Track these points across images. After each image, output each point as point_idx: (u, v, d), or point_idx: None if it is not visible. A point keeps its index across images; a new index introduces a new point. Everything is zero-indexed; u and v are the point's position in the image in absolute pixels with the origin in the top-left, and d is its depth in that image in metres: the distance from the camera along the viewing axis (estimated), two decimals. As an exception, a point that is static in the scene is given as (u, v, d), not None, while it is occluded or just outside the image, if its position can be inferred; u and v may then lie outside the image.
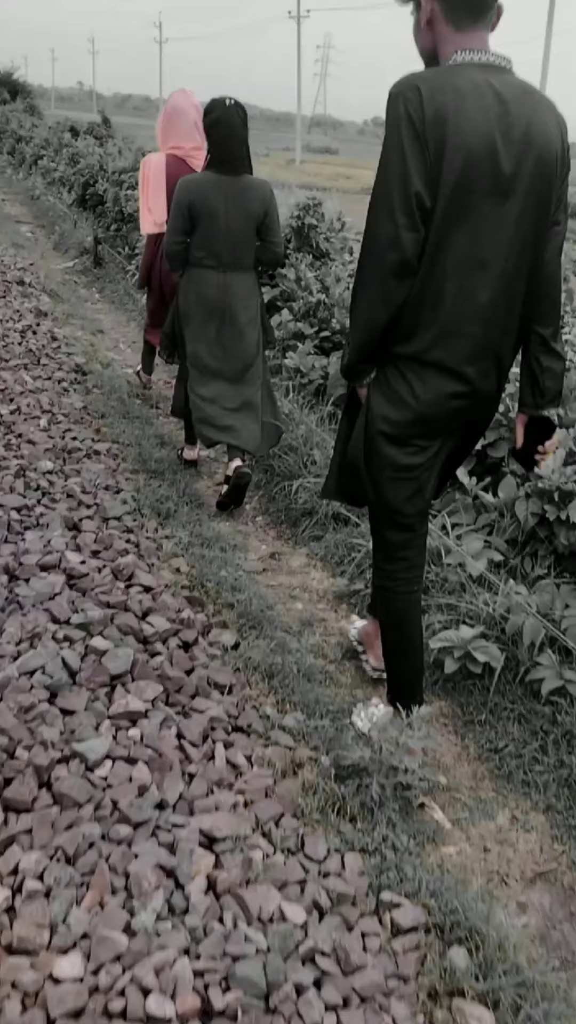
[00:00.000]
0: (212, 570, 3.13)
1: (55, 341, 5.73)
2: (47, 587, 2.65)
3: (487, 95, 1.80)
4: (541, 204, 1.91)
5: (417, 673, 2.38)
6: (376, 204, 1.85)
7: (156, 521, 3.45)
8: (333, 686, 2.71)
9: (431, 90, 1.78)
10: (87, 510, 3.32)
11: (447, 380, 2.01)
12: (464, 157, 1.79)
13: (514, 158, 1.83)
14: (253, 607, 2.93)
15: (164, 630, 2.61)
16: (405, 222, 1.81)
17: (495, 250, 1.90)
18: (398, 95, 1.81)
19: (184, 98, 4.48)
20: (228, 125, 3.48)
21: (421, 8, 1.91)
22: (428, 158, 1.78)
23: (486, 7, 1.86)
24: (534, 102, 1.86)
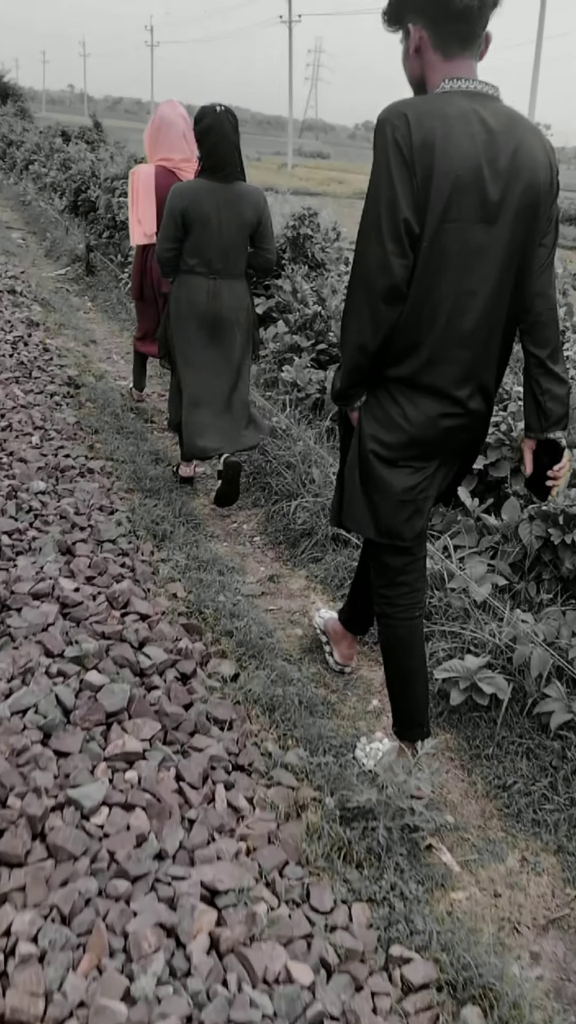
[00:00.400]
0: (210, 595, 3.05)
1: (47, 353, 5.64)
2: (40, 617, 2.57)
3: (474, 123, 1.81)
4: (528, 231, 1.92)
5: (422, 703, 2.33)
6: (365, 230, 1.86)
7: (152, 543, 3.37)
8: (335, 718, 2.63)
9: (418, 117, 1.79)
10: (81, 533, 3.24)
11: (439, 402, 2.01)
12: (451, 184, 1.80)
13: (501, 186, 1.84)
14: (252, 634, 2.85)
15: (161, 661, 2.53)
16: (394, 248, 1.82)
17: (483, 276, 1.90)
18: (385, 122, 1.81)
19: (172, 109, 4.45)
20: (219, 131, 3.47)
21: (410, 36, 1.91)
22: (416, 184, 1.79)
23: (474, 36, 1.86)
24: (521, 130, 1.87)
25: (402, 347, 1.96)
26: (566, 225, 30.55)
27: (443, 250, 1.85)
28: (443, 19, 1.83)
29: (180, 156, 4.35)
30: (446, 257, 1.85)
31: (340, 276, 6.03)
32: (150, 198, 4.34)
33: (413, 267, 1.86)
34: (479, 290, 1.91)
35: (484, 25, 1.86)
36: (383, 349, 1.96)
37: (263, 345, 5.65)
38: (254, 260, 3.74)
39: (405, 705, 2.34)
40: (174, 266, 3.64)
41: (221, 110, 3.48)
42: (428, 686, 2.37)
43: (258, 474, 4.16)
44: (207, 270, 3.59)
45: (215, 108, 3.49)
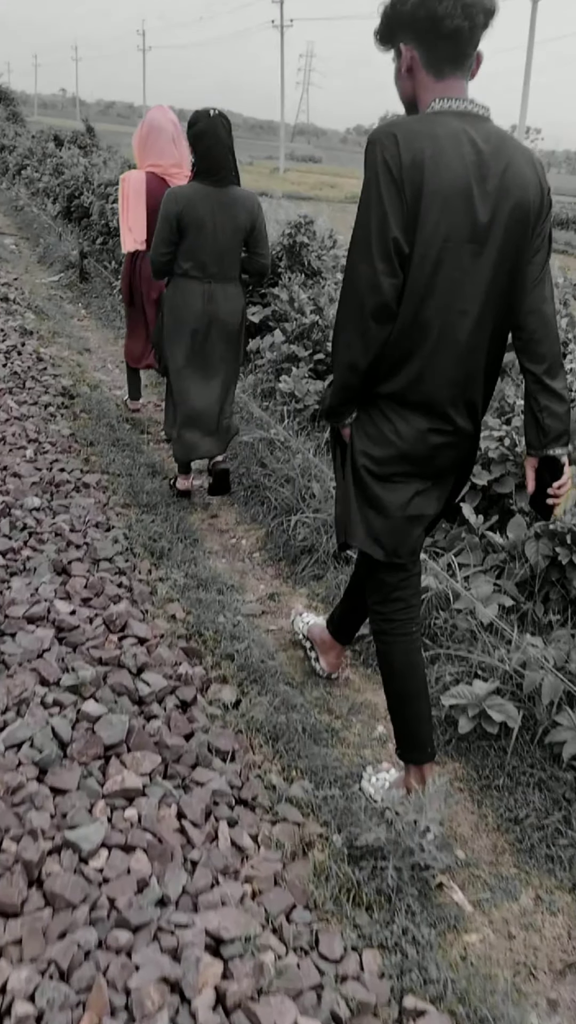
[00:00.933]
0: (209, 616, 2.97)
1: (41, 362, 5.56)
2: (35, 643, 2.48)
3: (464, 143, 1.82)
4: (518, 251, 1.92)
5: (425, 723, 2.27)
6: (355, 248, 1.87)
7: (149, 561, 3.29)
8: (340, 745, 2.55)
9: (408, 137, 1.80)
10: (76, 551, 3.15)
11: (428, 419, 2.02)
12: (440, 204, 1.81)
13: (490, 206, 1.85)
14: (253, 657, 2.77)
15: (160, 688, 2.45)
16: (383, 267, 1.83)
17: (472, 295, 1.91)
18: (375, 142, 1.82)
19: (161, 114, 4.42)
20: (213, 135, 3.47)
21: (402, 56, 1.91)
22: (405, 204, 1.80)
23: (466, 56, 1.87)
24: (511, 150, 1.87)
25: (392, 364, 1.96)
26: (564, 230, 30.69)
27: (432, 270, 1.85)
28: (434, 40, 1.84)
29: (170, 162, 4.34)
30: (435, 276, 1.86)
31: (337, 284, 5.96)
32: (140, 205, 4.32)
33: (403, 286, 1.86)
34: (468, 309, 1.91)
35: (475, 45, 1.87)
36: (374, 366, 1.96)
37: (259, 355, 5.59)
38: (249, 265, 3.74)
39: (408, 727, 2.28)
40: (168, 271, 3.64)
41: (215, 114, 3.48)
42: (430, 705, 2.31)
43: (256, 488, 4.08)
44: (202, 274, 3.60)
45: (209, 112, 3.48)
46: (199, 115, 3.48)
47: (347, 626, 2.73)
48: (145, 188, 4.29)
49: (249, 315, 5.94)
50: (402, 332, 1.91)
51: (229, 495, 4.12)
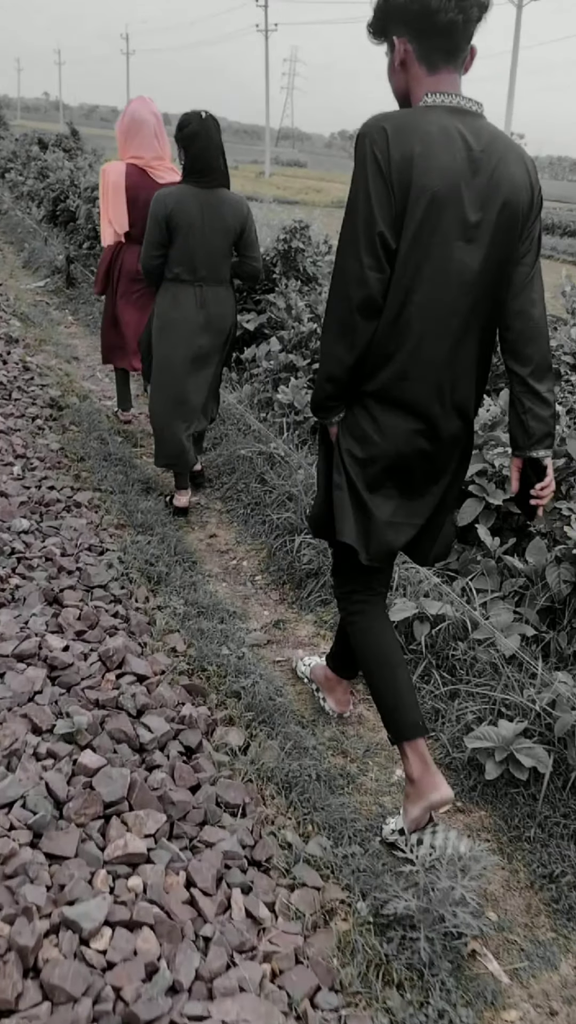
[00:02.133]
0: (212, 648, 2.78)
1: (27, 372, 5.35)
2: (26, 685, 2.29)
3: (455, 139, 1.79)
4: (507, 250, 1.90)
5: (408, 699, 2.16)
6: (343, 243, 1.86)
7: (146, 587, 3.10)
8: (357, 793, 2.37)
9: (397, 131, 1.78)
10: (68, 578, 2.96)
11: (414, 419, 1.99)
12: (428, 200, 1.78)
13: (479, 204, 1.83)
14: (261, 694, 2.58)
15: (163, 733, 2.25)
16: (370, 262, 1.81)
17: (459, 294, 1.88)
18: (364, 136, 1.80)
19: (143, 106, 4.33)
20: (206, 137, 3.46)
21: (395, 49, 1.89)
22: (393, 199, 1.78)
23: (459, 49, 1.85)
24: (503, 148, 1.85)
25: (376, 360, 1.93)
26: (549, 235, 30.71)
27: (418, 266, 1.83)
28: (428, 33, 1.82)
29: (151, 155, 4.29)
30: (421, 273, 1.84)
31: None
32: (120, 196, 4.27)
33: (390, 281, 1.84)
34: (455, 307, 1.89)
35: (469, 39, 1.84)
36: (359, 362, 1.94)
37: (255, 364, 5.41)
38: (240, 269, 3.74)
39: (392, 704, 2.18)
40: (160, 274, 3.62)
41: (206, 116, 3.47)
42: (411, 680, 2.23)
43: (256, 506, 3.90)
44: (192, 277, 3.58)
45: (200, 114, 3.46)
46: (190, 117, 3.46)
47: (347, 660, 2.57)
48: (125, 181, 4.24)
49: (243, 322, 5.78)
50: (387, 328, 1.89)
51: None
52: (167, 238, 3.50)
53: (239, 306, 6.17)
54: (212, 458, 4.49)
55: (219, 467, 4.38)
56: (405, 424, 1.99)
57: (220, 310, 3.67)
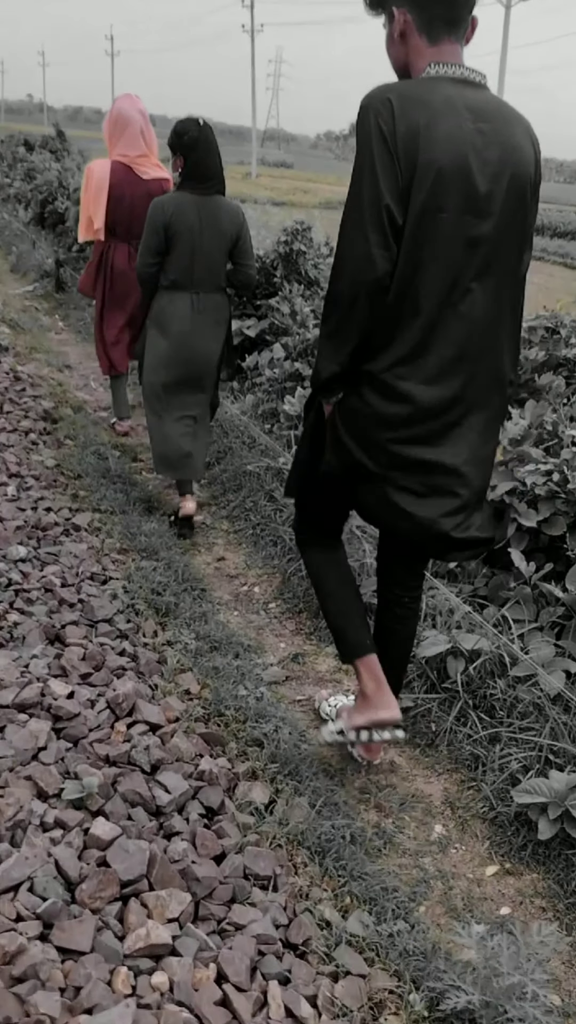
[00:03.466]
0: (228, 688, 2.56)
1: (19, 382, 5.11)
2: (29, 740, 2.06)
3: (461, 111, 1.73)
4: (517, 224, 1.84)
5: (359, 616, 2.27)
6: (347, 220, 1.78)
7: (154, 620, 2.87)
8: (394, 853, 2.15)
9: (403, 103, 1.70)
10: (70, 612, 2.73)
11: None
12: (436, 173, 1.71)
13: (489, 177, 1.75)
14: (284, 742, 2.36)
15: (181, 793, 2.03)
16: (377, 239, 1.73)
17: (471, 270, 1.80)
18: (368, 107, 1.73)
19: (130, 103, 4.36)
20: (205, 145, 3.44)
21: (394, 19, 1.82)
22: (399, 173, 1.70)
23: (461, 19, 1.79)
24: (509, 119, 1.80)
25: (379, 340, 1.85)
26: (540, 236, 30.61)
27: (426, 241, 1.75)
28: (429, 3, 1.76)
29: (136, 152, 4.31)
30: (430, 249, 1.75)
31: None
32: (102, 193, 4.26)
33: (396, 259, 1.76)
34: (465, 283, 1.80)
35: (471, 8, 1.79)
36: (364, 342, 1.85)
37: (257, 372, 5.20)
38: (235, 277, 3.69)
39: (343, 624, 2.28)
40: (155, 281, 3.58)
41: (203, 123, 3.45)
42: (363, 604, 2.34)
43: (266, 525, 3.68)
44: (190, 284, 3.54)
45: (197, 121, 3.45)
46: (188, 125, 3.43)
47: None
48: (110, 178, 4.25)
49: (244, 328, 5.56)
50: (393, 306, 1.80)
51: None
52: (165, 245, 3.47)
53: (239, 311, 5.96)
54: (216, 474, 4.27)
55: (224, 483, 4.16)
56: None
57: (216, 316, 3.64)
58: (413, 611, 2.33)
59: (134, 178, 4.28)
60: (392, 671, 2.31)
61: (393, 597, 2.31)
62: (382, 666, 2.25)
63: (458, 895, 2.06)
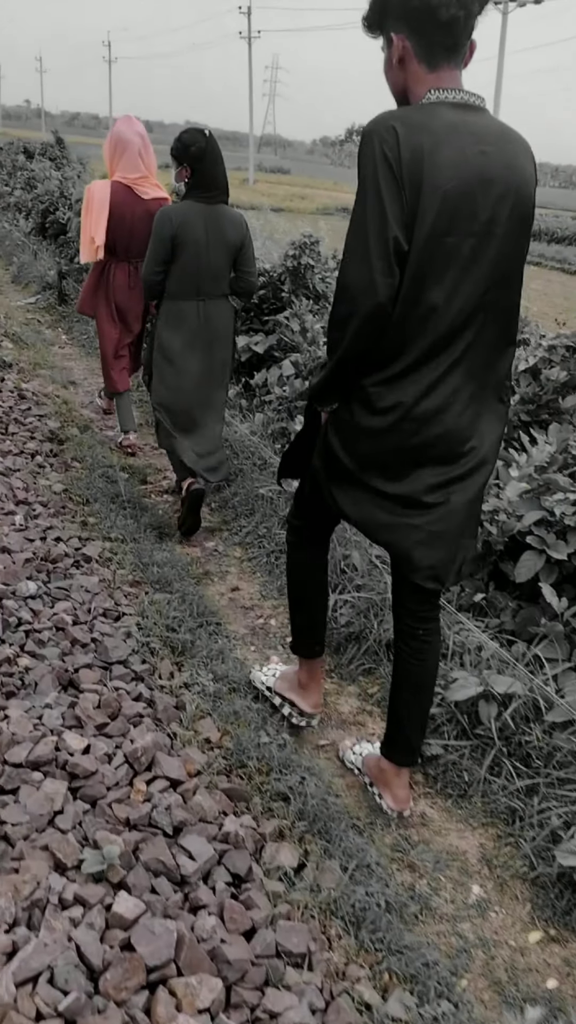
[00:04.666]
0: (249, 735, 2.44)
1: (23, 400, 5.00)
2: (44, 804, 1.93)
3: (464, 135, 1.75)
4: (519, 246, 1.88)
5: (322, 623, 2.49)
6: (352, 247, 1.79)
7: (170, 660, 2.75)
8: (432, 919, 2.03)
9: (407, 130, 1.72)
10: (83, 653, 2.61)
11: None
12: (441, 199, 1.73)
13: (492, 200, 1.78)
14: (310, 793, 2.24)
15: (206, 859, 1.91)
16: (381, 266, 1.74)
17: (473, 291, 1.83)
18: (373, 134, 1.74)
19: (128, 127, 4.42)
20: (212, 156, 3.51)
21: (393, 45, 1.82)
22: (405, 200, 1.73)
23: (460, 45, 1.79)
24: (511, 143, 1.82)
25: (382, 358, 1.88)
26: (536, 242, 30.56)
27: (431, 265, 1.77)
28: (428, 30, 1.76)
29: (136, 174, 4.38)
30: (434, 272, 1.78)
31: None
32: (103, 214, 4.31)
33: (400, 284, 1.78)
34: (468, 306, 1.83)
35: (469, 34, 1.80)
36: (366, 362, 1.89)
37: (266, 389, 5.09)
38: (237, 285, 3.75)
39: (306, 624, 2.49)
40: (161, 291, 3.65)
41: (209, 134, 3.52)
42: (328, 609, 2.54)
43: (281, 554, 3.56)
44: (196, 292, 3.62)
45: (203, 132, 3.52)
46: (195, 137, 3.49)
47: (402, 742, 2.28)
48: (110, 198, 4.31)
49: (251, 344, 5.45)
50: (395, 328, 1.82)
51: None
52: (171, 255, 3.53)
53: (246, 326, 5.85)
54: (227, 497, 4.15)
55: (236, 508, 4.04)
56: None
57: (221, 323, 3.72)
58: (429, 645, 2.22)
59: (134, 198, 4.34)
60: (412, 715, 2.23)
61: (407, 629, 2.22)
62: (401, 709, 2.23)
63: (501, 966, 1.94)
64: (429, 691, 2.26)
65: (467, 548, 2.09)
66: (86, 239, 4.43)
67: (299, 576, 2.44)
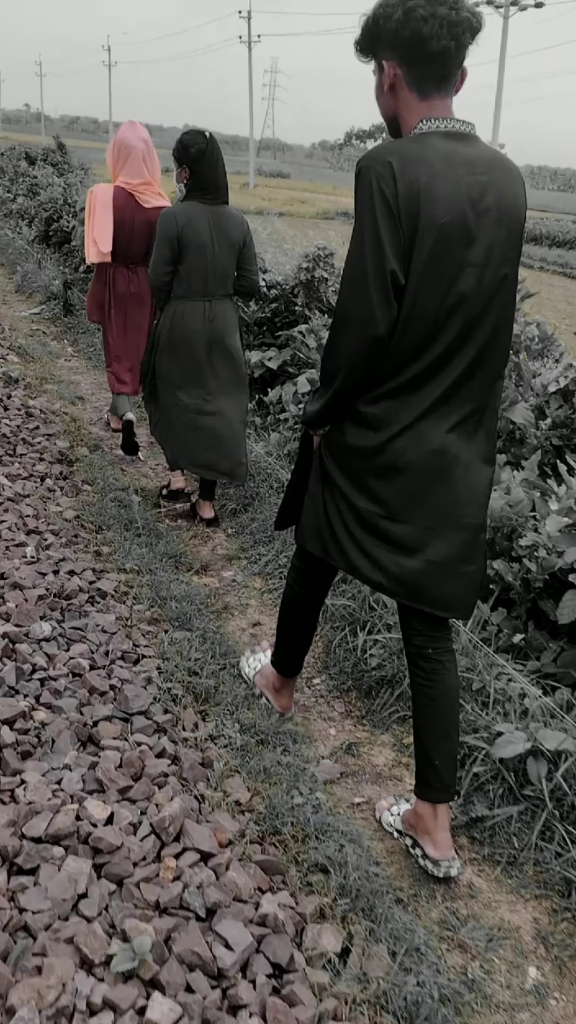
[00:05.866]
0: (281, 796, 2.27)
1: (31, 418, 4.84)
2: (66, 888, 1.77)
3: (457, 166, 1.78)
4: (512, 268, 1.90)
5: (301, 651, 2.57)
6: (349, 280, 1.83)
7: (194, 709, 2.59)
8: (488, 1009, 1.86)
9: (402, 164, 1.75)
10: (102, 703, 2.45)
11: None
12: (437, 231, 1.76)
13: (487, 230, 1.81)
14: (350, 864, 2.07)
15: (244, 948, 1.75)
16: (379, 299, 1.78)
17: (470, 320, 1.86)
18: (368, 169, 1.77)
19: (132, 132, 4.45)
20: (212, 157, 3.54)
21: (384, 71, 1.85)
22: (402, 234, 1.76)
23: (451, 74, 1.82)
24: (502, 170, 1.84)
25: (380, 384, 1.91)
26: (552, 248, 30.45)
27: (428, 296, 1.80)
28: (419, 60, 1.78)
29: (139, 180, 4.41)
30: (430, 302, 1.81)
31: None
32: (107, 216, 4.35)
33: (398, 315, 1.81)
34: (465, 333, 1.87)
35: (460, 64, 1.82)
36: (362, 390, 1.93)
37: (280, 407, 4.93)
38: (240, 284, 3.79)
39: (287, 649, 2.57)
40: (168, 292, 3.66)
41: (209, 136, 3.55)
42: (311, 640, 2.56)
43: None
44: (202, 293, 3.64)
45: (204, 134, 3.55)
46: (196, 138, 3.52)
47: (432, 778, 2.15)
48: (113, 203, 4.34)
49: (264, 360, 5.30)
50: (391, 356, 1.86)
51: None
52: (177, 256, 3.56)
53: (258, 340, 5.69)
54: (244, 523, 3.99)
55: (254, 535, 3.88)
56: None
57: (226, 323, 3.73)
58: (442, 664, 2.15)
59: (135, 206, 4.39)
60: (438, 745, 2.14)
61: (416, 650, 2.18)
62: (426, 739, 2.16)
63: (566, 1064, 1.77)
64: (452, 715, 2.16)
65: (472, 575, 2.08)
66: (90, 240, 4.47)
67: (294, 610, 2.49)
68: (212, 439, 3.78)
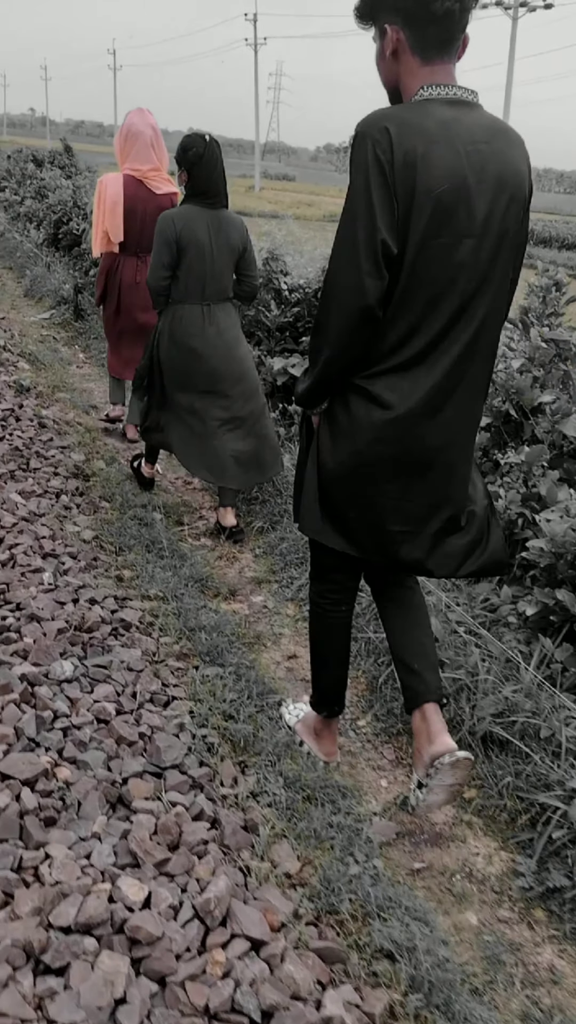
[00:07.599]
0: (334, 865, 2.02)
1: (44, 429, 4.59)
2: (102, 992, 1.52)
3: (457, 134, 1.73)
4: (514, 244, 1.85)
5: (340, 684, 2.41)
6: (340, 248, 1.79)
7: (232, 760, 2.33)
8: None
9: (400, 131, 1.70)
10: (131, 756, 2.20)
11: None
12: (435, 202, 1.71)
13: (487, 199, 1.76)
14: (421, 951, 1.81)
15: (309, 1065, 1.49)
16: (369, 268, 1.73)
17: (469, 292, 1.81)
18: (366, 135, 1.72)
19: (140, 118, 4.40)
20: (211, 160, 3.51)
21: (386, 36, 1.80)
22: (396, 204, 1.71)
23: (454, 38, 1.78)
24: (504, 139, 1.79)
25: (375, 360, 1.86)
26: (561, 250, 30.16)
27: (426, 267, 1.76)
28: (422, 22, 1.75)
29: (148, 166, 4.36)
30: (429, 274, 1.77)
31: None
32: (117, 207, 4.31)
33: (391, 286, 1.77)
34: (464, 306, 1.81)
35: (463, 28, 1.78)
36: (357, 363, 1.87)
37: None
38: (240, 288, 3.78)
39: (323, 684, 2.40)
40: (167, 295, 3.63)
41: (210, 139, 3.52)
42: (348, 670, 2.42)
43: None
44: (201, 296, 3.61)
45: (204, 137, 3.52)
46: (195, 140, 3.50)
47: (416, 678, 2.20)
48: (123, 191, 4.30)
49: (288, 367, 5.06)
50: (387, 329, 1.82)
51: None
52: (176, 258, 3.53)
53: (280, 347, 5.46)
54: (273, 543, 3.74)
55: (284, 555, 3.63)
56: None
57: (226, 324, 3.69)
58: (411, 588, 2.30)
59: (146, 193, 4.36)
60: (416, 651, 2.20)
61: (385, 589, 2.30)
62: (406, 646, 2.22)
63: None
64: (422, 618, 2.27)
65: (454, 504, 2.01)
66: (99, 232, 4.44)
67: (323, 631, 2.36)
68: (244, 453, 3.69)
